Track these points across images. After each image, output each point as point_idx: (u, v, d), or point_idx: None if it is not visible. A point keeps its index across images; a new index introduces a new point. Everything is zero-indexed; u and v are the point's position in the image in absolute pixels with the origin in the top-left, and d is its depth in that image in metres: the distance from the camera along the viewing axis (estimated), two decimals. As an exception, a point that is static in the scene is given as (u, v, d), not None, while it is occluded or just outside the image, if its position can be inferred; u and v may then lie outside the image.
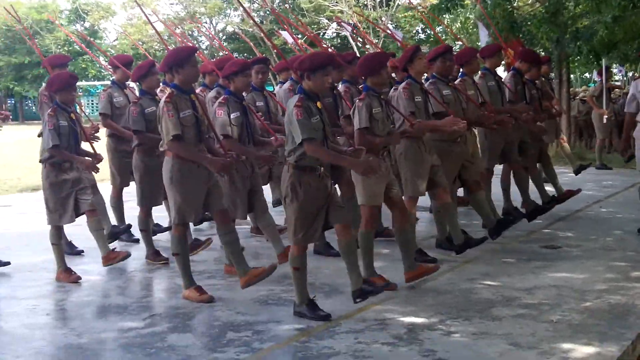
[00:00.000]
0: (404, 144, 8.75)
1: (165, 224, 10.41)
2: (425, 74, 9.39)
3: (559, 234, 10.81)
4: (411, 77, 8.86)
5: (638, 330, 6.43)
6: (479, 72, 10.57)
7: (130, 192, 10.29)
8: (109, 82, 11.94)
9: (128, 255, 8.84)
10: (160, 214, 10.49)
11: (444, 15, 22.71)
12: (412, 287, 7.95)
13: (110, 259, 8.67)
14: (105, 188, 10.38)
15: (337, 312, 7.04)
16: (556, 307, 7.15)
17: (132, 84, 10.84)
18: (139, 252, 9.78)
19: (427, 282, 8.12)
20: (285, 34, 14.50)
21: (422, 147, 8.75)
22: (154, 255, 9.41)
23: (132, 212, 10.33)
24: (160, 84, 10.54)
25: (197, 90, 10.32)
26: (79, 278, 8.57)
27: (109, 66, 11.29)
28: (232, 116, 8.34)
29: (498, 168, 11.05)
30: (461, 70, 10.25)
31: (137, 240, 10.35)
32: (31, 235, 11.13)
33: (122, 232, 10.38)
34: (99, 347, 6.45)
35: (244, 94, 8.80)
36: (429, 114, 8.93)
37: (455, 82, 9.88)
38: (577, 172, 14.70)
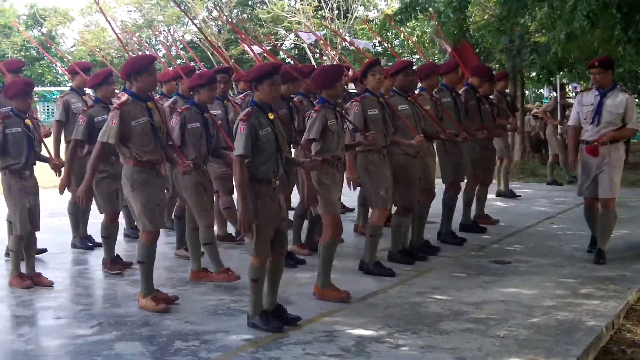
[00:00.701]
0: (365, 156, 8.85)
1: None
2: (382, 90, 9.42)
3: (509, 249, 10.89)
4: (368, 90, 8.95)
5: (584, 347, 6.48)
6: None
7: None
8: (65, 88, 11.92)
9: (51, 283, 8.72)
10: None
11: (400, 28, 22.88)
12: (361, 299, 7.97)
13: (16, 283, 8.60)
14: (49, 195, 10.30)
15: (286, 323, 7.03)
16: (504, 322, 7.19)
17: (89, 91, 10.81)
18: (95, 259, 9.83)
19: (376, 295, 8.16)
20: (255, 49, 14.61)
21: (383, 159, 8.93)
22: (110, 262, 9.36)
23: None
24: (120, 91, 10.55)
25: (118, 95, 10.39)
26: (32, 285, 8.52)
27: (68, 72, 11.23)
28: (189, 126, 8.39)
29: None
30: (419, 85, 10.33)
31: (91, 248, 10.35)
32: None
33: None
34: (45, 353, 6.40)
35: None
36: (388, 126, 8.99)
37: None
38: (498, 194, 15.80)
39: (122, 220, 10.52)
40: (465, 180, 11.62)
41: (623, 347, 6.93)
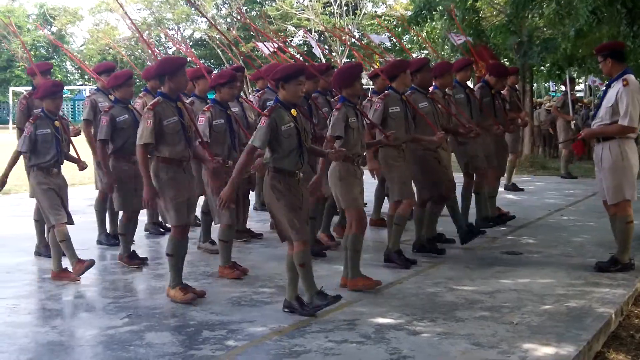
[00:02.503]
0: (384, 152, 9.15)
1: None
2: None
3: (521, 240, 11.15)
4: (392, 87, 9.22)
5: (594, 332, 6.72)
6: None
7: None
8: (75, 87, 12.18)
9: (77, 280, 8.91)
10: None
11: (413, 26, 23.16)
12: (379, 290, 8.22)
13: (59, 277, 8.87)
14: (80, 191, 10.54)
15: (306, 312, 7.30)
16: (516, 309, 7.44)
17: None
18: (116, 253, 10.03)
19: (394, 285, 8.43)
20: (261, 46, 14.82)
21: (401, 154, 9.20)
22: (127, 258, 9.62)
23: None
24: (142, 90, 10.80)
25: (140, 95, 10.64)
26: (92, 261, 8.82)
27: (95, 73, 11.44)
28: (214, 123, 8.65)
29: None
30: (433, 82, 10.56)
31: (116, 244, 10.52)
32: (7, 238, 11.39)
33: None
34: (80, 344, 6.65)
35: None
36: (409, 123, 9.27)
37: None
38: (506, 188, 15.87)
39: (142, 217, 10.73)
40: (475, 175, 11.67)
41: (632, 332, 7.19)
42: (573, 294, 8.01)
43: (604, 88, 9.33)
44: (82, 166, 9.34)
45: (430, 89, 10.22)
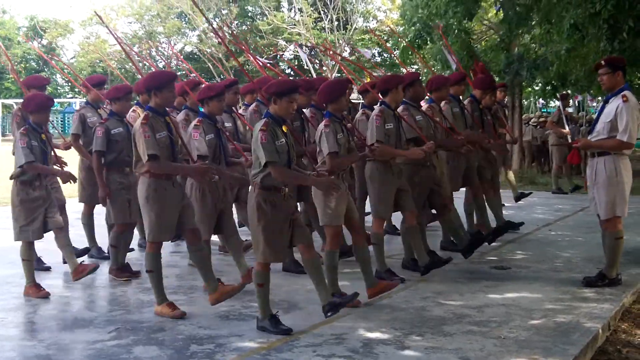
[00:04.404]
0: (371, 166, 9.18)
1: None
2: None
3: (509, 255, 11.17)
4: (385, 103, 9.24)
5: (581, 347, 6.74)
6: None
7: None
8: (65, 100, 12.18)
9: (97, 267, 9.05)
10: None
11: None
12: (368, 303, 8.25)
13: (79, 272, 8.88)
14: (67, 205, 10.51)
15: (296, 327, 7.29)
16: (504, 324, 7.46)
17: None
18: (106, 267, 10.01)
19: (382, 300, 8.43)
20: (253, 59, 14.82)
21: (389, 170, 9.17)
22: (117, 270, 9.62)
23: (101, 229, 10.70)
24: (133, 105, 10.81)
25: (132, 109, 10.63)
26: (48, 294, 8.75)
27: (84, 87, 11.45)
28: (206, 138, 8.65)
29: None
30: (428, 96, 10.61)
31: (107, 257, 10.50)
32: (-5, 250, 11.34)
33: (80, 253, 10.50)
34: (67, 358, 6.65)
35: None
36: (401, 139, 9.29)
37: (423, 107, 10.24)
38: (517, 200, 15.45)
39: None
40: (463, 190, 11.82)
41: (619, 347, 7.20)
42: (561, 309, 8.04)
43: (602, 103, 9.29)
44: (64, 177, 9.30)
45: (425, 102, 10.25)
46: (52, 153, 9.31)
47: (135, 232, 10.56)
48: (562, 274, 9.78)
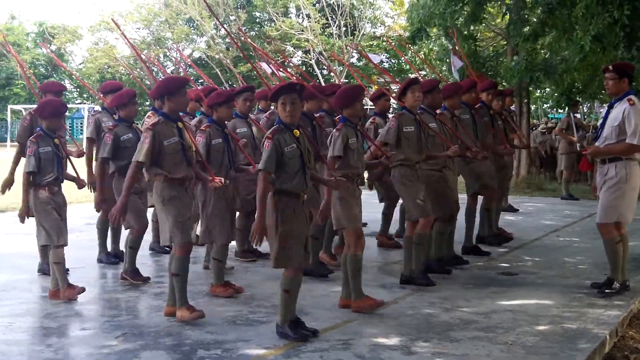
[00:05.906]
0: (397, 172, 9.25)
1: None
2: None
3: (517, 261, 11.18)
4: (406, 107, 9.30)
5: (589, 353, 6.74)
6: None
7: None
8: (74, 106, 12.22)
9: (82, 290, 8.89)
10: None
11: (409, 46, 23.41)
12: (375, 309, 8.23)
13: (58, 295, 8.81)
14: (78, 210, 10.55)
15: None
16: (511, 330, 7.46)
17: None
18: (117, 272, 10.07)
19: (389, 305, 8.44)
20: (264, 65, 14.86)
21: (414, 172, 9.33)
22: (132, 273, 9.64)
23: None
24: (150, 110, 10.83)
25: (148, 114, 10.65)
26: (83, 289, 8.78)
27: (101, 92, 11.48)
28: (213, 142, 8.67)
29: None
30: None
31: (115, 263, 10.59)
32: (3, 255, 11.38)
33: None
34: (75, 362, 6.68)
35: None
36: (423, 143, 9.34)
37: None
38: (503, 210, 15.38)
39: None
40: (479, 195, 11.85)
41: (626, 354, 7.21)
42: (568, 315, 8.04)
43: (607, 109, 9.22)
44: (81, 184, 9.36)
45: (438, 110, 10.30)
46: (67, 157, 9.28)
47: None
48: (570, 280, 9.79)
